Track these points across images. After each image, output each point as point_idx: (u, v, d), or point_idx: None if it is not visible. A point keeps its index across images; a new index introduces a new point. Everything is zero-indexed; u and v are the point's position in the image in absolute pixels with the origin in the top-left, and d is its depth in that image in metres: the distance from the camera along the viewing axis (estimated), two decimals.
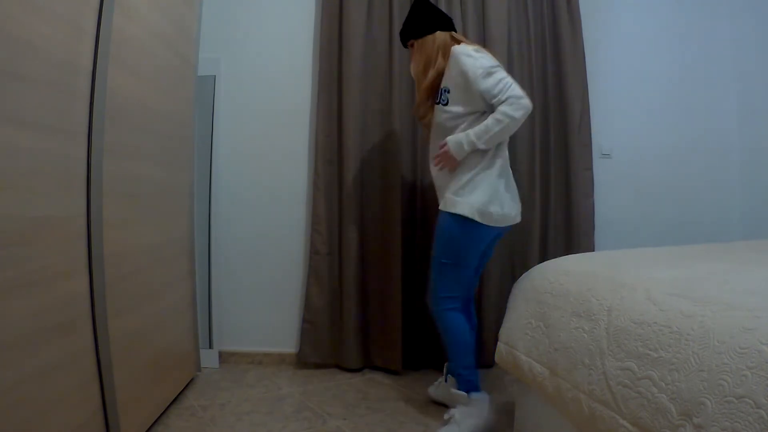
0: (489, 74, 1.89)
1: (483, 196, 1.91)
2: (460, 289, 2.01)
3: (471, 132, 1.90)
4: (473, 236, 1.95)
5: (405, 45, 2.19)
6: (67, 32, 1.39)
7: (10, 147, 1.19)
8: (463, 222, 1.91)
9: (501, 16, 2.72)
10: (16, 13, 1.19)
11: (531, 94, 2.78)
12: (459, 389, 1.99)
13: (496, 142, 1.92)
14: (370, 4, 2.70)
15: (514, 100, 1.86)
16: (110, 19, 1.56)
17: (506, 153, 2.03)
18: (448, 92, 1.98)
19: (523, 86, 2.73)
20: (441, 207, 1.99)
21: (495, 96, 1.88)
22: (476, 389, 1.99)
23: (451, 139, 1.95)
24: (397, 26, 2.68)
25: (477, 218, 1.90)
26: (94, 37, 1.52)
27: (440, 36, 2.06)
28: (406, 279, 2.66)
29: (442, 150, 1.97)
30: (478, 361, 2.05)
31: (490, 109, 1.92)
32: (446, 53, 2.02)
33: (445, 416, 1.98)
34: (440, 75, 2.04)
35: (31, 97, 1.26)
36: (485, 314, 2.67)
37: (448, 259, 1.97)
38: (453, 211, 1.92)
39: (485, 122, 1.89)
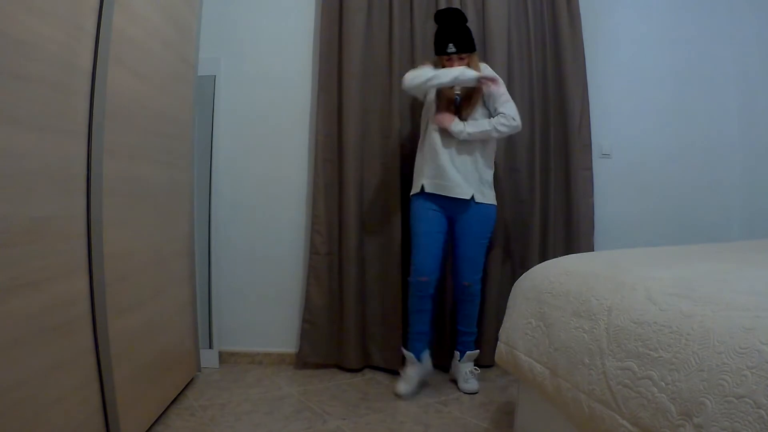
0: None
1: None
2: None
3: (470, 129, 2.29)
4: None
5: (445, 52, 2.33)
6: (67, 32, 1.39)
7: (10, 147, 1.18)
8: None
9: (501, 15, 2.72)
10: (16, 13, 1.19)
11: (531, 94, 2.78)
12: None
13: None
14: (369, 5, 2.70)
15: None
16: (110, 19, 1.56)
17: None
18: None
19: (523, 86, 2.77)
20: (483, 200, 2.36)
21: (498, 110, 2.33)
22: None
23: (458, 124, 2.30)
24: (397, 26, 2.69)
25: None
26: (94, 37, 1.51)
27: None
28: (406, 279, 2.66)
29: (448, 121, 2.30)
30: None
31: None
32: None
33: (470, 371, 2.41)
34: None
35: (31, 97, 1.26)
36: (485, 314, 2.67)
37: (487, 240, 2.46)
38: (494, 202, 2.42)
39: (485, 123, 2.29)
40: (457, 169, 2.33)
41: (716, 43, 3.03)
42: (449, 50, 2.30)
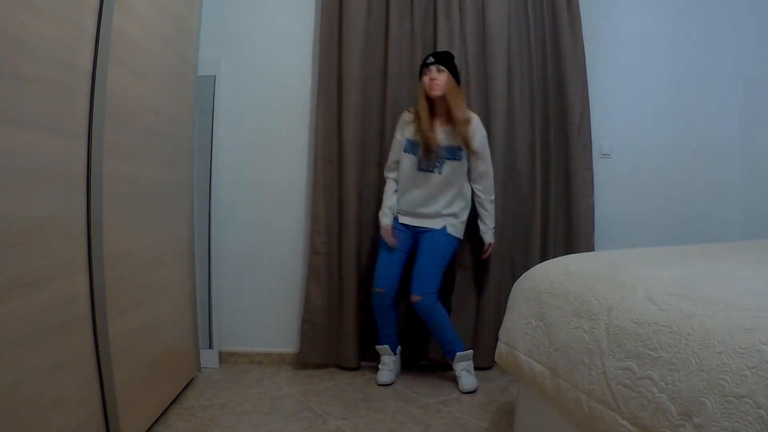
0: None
1: None
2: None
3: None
4: None
5: (425, 63, 2.44)
6: (67, 32, 1.39)
7: (10, 147, 1.19)
8: None
9: (501, 16, 2.72)
10: (16, 13, 1.19)
11: (531, 94, 2.78)
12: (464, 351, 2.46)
13: None
14: (369, 5, 2.70)
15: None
16: (110, 19, 1.56)
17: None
18: (461, 150, 2.43)
19: (523, 86, 2.77)
20: (452, 232, 2.50)
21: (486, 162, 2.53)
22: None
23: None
24: (396, 26, 2.69)
25: None
26: (94, 37, 1.51)
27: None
28: (405, 279, 2.66)
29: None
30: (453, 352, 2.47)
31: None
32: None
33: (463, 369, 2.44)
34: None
35: (31, 97, 1.26)
36: (485, 314, 2.67)
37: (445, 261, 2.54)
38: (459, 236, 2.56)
39: (489, 210, 2.55)
40: (432, 205, 2.48)
41: (716, 43, 3.03)
42: (428, 60, 2.43)
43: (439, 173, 2.44)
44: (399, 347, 2.61)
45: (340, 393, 2.38)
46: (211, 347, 2.73)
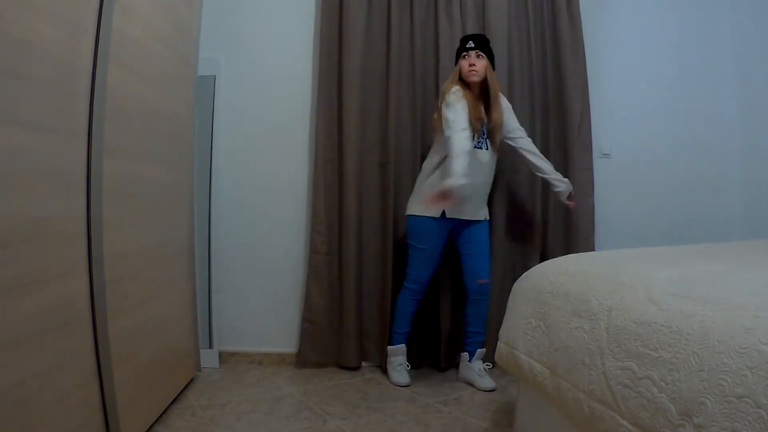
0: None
1: None
2: None
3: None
4: None
5: (466, 48, 2.41)
6: (67, 32, 1.39)
7: (10, 147, 1.18)
8: None
9: (501, 16, 2.72)
10: (16, 13, 1.19)
11: (531, 94, 2.78)
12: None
13: None
14: (369, 5, 2.70)
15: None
16: (110, 19, 1.56)
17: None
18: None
19: (523, 86, 2.77)
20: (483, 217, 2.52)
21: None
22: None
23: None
24: (396, 26, 2.69)
25: None
26: (94, 37, 1.51)
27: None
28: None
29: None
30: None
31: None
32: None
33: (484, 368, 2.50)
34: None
35: (31, 97, 1.25)
36: (490, 315, 2.67)
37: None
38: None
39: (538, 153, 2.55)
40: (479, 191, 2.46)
41: (716, 43, 3.03)
42: (468, 45, 2.40)
43: (486, 149, 2.44)
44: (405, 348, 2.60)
45: (340, 393, 2.38)
46: (211, 347, 2.73)
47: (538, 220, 2.76)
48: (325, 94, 2.70)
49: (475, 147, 2.36)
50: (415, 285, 2.49)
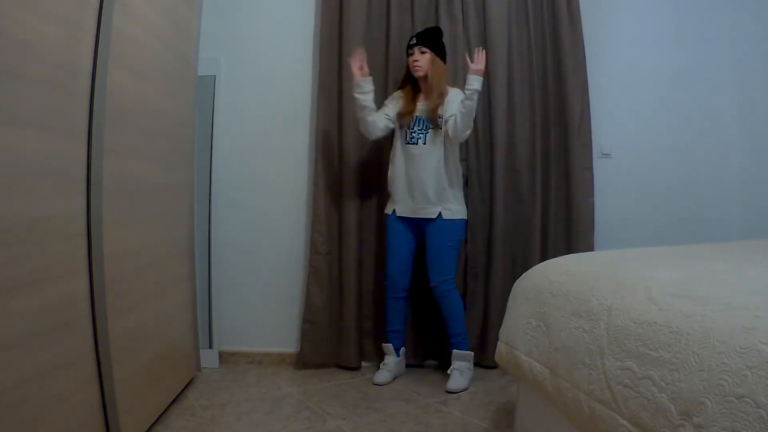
0: None
1: None
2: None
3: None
4: None
5: (410, 45, 2.46)
6: (67, 32, 1.39)
7: (10, 147, 1.18)
8: None
9: (501, 16, 2.72)
10: (16, 13, 1.19)
11: (531, 94, 2.78)
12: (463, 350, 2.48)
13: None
14: (369, 5, 2.70)
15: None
16: (110, 19, 1.56)
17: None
18: (441, 118, 2.41)
19: (523, 86, 2.76)
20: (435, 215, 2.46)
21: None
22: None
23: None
24: (396, 26, 2.69)
25: None
26: (94, 37, 1.51)
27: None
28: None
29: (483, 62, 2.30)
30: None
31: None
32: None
33: (455, 369, 2.44)
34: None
35: (31, 97, 1.25)
36: (486, 314, 2.67)
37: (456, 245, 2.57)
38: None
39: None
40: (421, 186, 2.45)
41: (716, 43, 3.02)
42: (411, 42, 2.47)
43: (424, 143, 2.44)
44: (403, 348, 2.60)
45: (340, 393, 2.38)
46: (211, 347, 2.73)
47: (538, 220, 2.76)
48: (325, 94, 2.70)
49: (407, 143, 2.47)
50: (387, 279, 2.56)
